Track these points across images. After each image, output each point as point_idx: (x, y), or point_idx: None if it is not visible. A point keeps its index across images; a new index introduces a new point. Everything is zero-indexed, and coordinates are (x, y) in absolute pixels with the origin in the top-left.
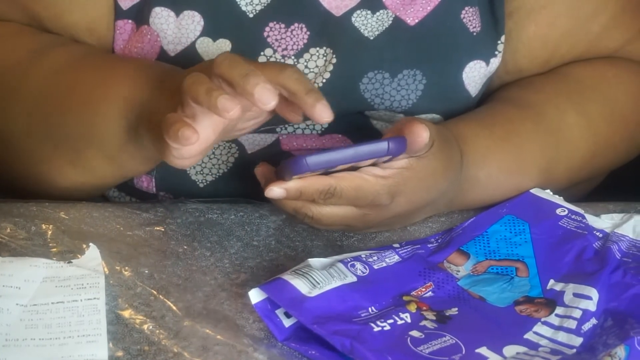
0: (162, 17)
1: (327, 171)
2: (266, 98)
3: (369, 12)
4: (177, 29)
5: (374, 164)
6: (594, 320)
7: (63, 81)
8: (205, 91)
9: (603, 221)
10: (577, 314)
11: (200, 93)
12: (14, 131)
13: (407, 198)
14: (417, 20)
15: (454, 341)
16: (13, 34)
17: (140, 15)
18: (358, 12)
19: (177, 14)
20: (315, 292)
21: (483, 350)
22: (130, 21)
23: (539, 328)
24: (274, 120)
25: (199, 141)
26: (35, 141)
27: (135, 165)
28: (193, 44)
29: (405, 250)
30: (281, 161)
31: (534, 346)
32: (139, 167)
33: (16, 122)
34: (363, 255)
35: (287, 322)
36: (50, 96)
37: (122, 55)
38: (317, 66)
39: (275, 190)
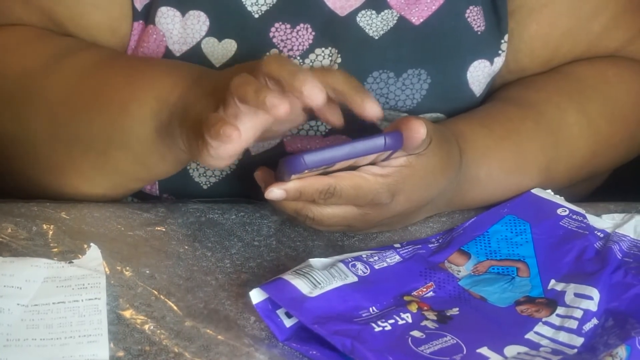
0: (167, 17)
1: (326, 171)
2: (315, 95)
3: (373, 12)
4: (182, 28)
5: (372, 163)
6: (595, 321)
7: (88, 84)
8: (254, 90)
9: (604, 221)
10: (578, 314)
11: (249, 92)
12: (33, 138)
13: (407, 196)
14: (421, 20)
15: (455, 341)
16: (32, 39)
17: (147, 16)
18: (363, 12)
19: (183, 13)
20: (316, 292)
21: (484, 351)
22: (141, 22)
23: (540, 328)
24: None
25: (239, 141)
26: (58, 147)
27: (164, 166)
28: (199, 44)
29: (406, 250)
30: (279, 161)
31: (535, 346)
32: (168, 169)
33: (37, 128)
34: (364, 255)
35: (288, 322)
36: (75, 100)
37: (147, 56)
38: (322, 66)
39: (274, 192)
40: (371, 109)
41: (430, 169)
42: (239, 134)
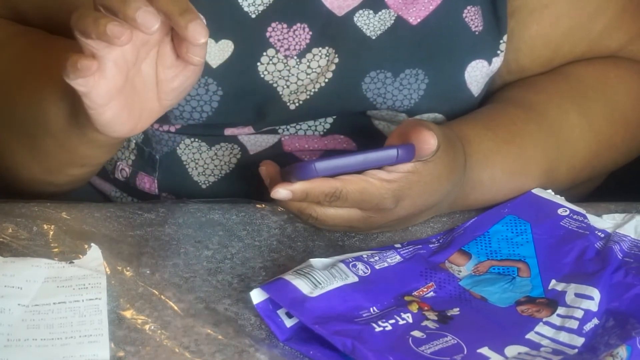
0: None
1: (333, 174)
2: (149, 21)
3: (371, 11)
4: None
5: (379, 167)
6: (595, 321)
7: (18, 69)
8: (92, 21)
9: (605, 221)
10: (579, 314)
11: (88, 24)
12: None
13: (412, 201)
14: (419, 20)
15: (456, 341)
16: None
17: None
18: (360, 11)
19: None
20: (316, 292)
21: (485, 351)
22: None
23: (540, 328)
24: (276, 121)
25: (107, 79)
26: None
27: (88, 150)
28: None
29: (407, 250)
30: (287, 165)
31: (535, 346)
32: (94, 152)
33: None
34: (364, 256)
35: (289, 322)
36: (8, 85)
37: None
38: (319, 66)
39: (281, 192)
40: (194, 32)
41: (436, 175)
42: (95, 62)
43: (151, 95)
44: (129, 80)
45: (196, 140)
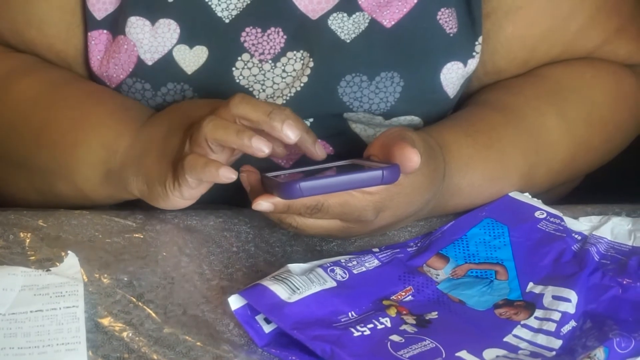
0: (137, 27)
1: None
2: (292, 132)
3: (345, 14)
4: (153, 37)
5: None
6: (573, 323)
7: (35, 118)
8: (235, 133)
9: (581, 224)
10: (557, 316)
11: (230, 135)
12: None
13: (392, 212)
14: (393, 22)
15: (434, 345)
16: None
17: (115, 25)
18: (334, 15)
19: (153, 22)
20: (294, 298)
21: (463, 354)
22: (105, 31)
23: (518, 331)
24: None
25: (205, 186)
26: (6, 166)
27: (106, 201)
28: (170, 52)
29: (385, 254)
30: (266, 171)
31: (513, 349)
32: (109, 202)
33: None
34: (342, 260)
35: (267, 328)
36: (23, 131)
37: (94, 88)
38: (294, 70)
39: (263, 204)
40: (317, 155)
41: (417, 186)
42: (235, 173)
43: None
44: None
45: None
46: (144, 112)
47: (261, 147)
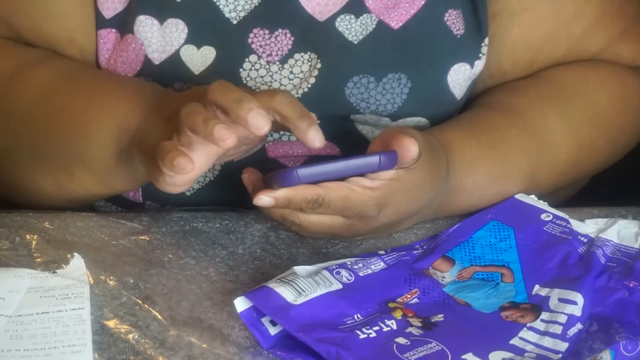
0: (146, 26)
1: (315, 181)
2: (259, 123)
3: (352, 16)
4: (161, 37)
5: (361, 175)
6: (579, 325)
7: (50, 104)
8: (202, 121)
9: (587, 226)
10: (563, 319)
11: (198, 123)
12: None
13: (394, 209)
14: (400, 24)
15: (440, 347)
16: None
17: (124, 24)
18: (342, 16)
19: (161, 22)
20: (300, 300)
21: (469, 357)
22: (114, 30)
23: (524, 333)
24: None
25: (194, 170)
26: (22, 159)
27: (123, 185)
28: (177, 51)
29: (391, 257)
30: (271, 171)
31: (519, 352)
32: (128, 187)
33: (1, 140)
34: (348, 263)
35: (273, 330)
36: (37, 118)
37: (107, 73)
38: (302, 71)
39: (263, 199)
40: (314, 138)
41: (418, 182)
42: (192, 165)
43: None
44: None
45: None
46: (159, 93)
47: (222, 137)
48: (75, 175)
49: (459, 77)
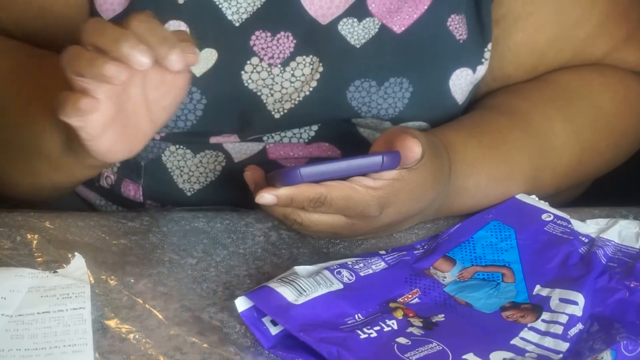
0: None
1: (318, 180)
2: (141, 59)
3: (355, 20)
4: None
5: (364, 174)
6: (580, 326)
7: (8, 89)
8: (87, 62)
9: (588, 226)
10: (564, 319)
11: (83, 65)
12: None
13: (397, 209)
14: (403, 29)
15: (441, 347)
16: None
17: None
18: (344, 20)
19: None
20: (301, 300)
21: (470, 357)
22: None
23: (525, 334)
24: (261, 130)
25: (100, 112)
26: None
27: (82, 171)
28: None
29: (391, 256)
30: (274, 170)
31: (520, 352)
32: (87, 172)
33: None
34: (349, 262)
35: (274, 330)
36: (5, 111)
37: (51, 55)
38: (303, 74)
39: (266, 197)
40: (174, 64)
41: (420, 182)
42: (96, 101)
43: (143, 117)
44: (121, 108)
45: (181, 147)
46: None
47: (113, 75)
48: (36, 165)
49: (461, 82)
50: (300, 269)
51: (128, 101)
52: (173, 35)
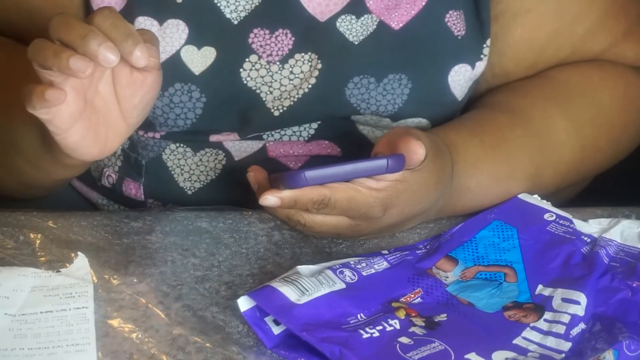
0: (145, 27)
1: (322, 183)
2: (109, 57)
3: (353, 17)
4: (161, 37)
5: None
6: (582, 325)
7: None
8: (53, 54)
9: (591, 226)
10: (566, 318)
11: (49, 57)
12: None
13: (400, 210)
14: (401, 25)
15: (443, 347)
16: None
17: None
18: (342, 17)
19: (161, 22)
20: (304, 300)
21: (472, 356)
22: None
23: (527, 333)
24: (260, 127)
25: (67, 104)
26: None
27: (60, 170)
28: (178, 52)
29: (394, 256)
30: (272, 171)
31: (522, 351)
32: (66, 172)
33: None
34: (352, 262)
35: (276, 330)
36: None
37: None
38: (302, 72)
39: (269, 199)
40: (138, 59)
41: (424, 183)
42: (63, 92)
43: (115, 115)
44: (89, 102)
45: (181, 145)
46: None
47: (79, 67)
48: (16, 163)
49: (460, 78)
50: (303, 268)
51: (96, 97)
52: (137, 33)
